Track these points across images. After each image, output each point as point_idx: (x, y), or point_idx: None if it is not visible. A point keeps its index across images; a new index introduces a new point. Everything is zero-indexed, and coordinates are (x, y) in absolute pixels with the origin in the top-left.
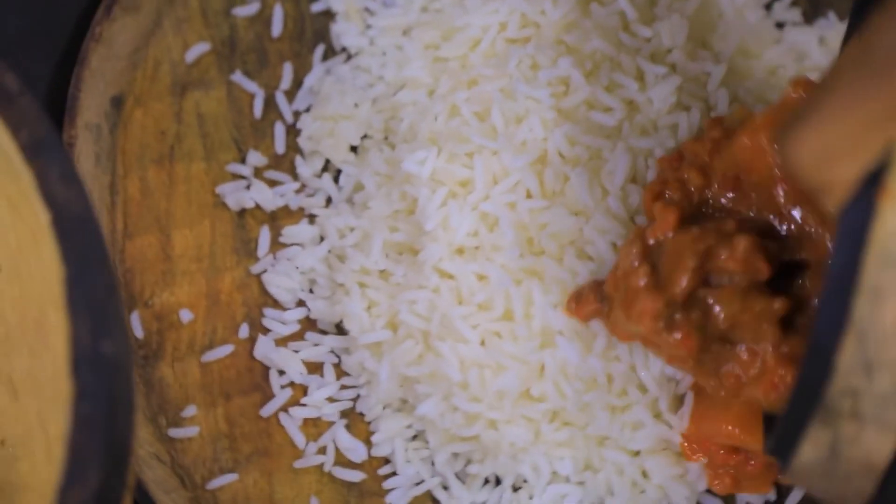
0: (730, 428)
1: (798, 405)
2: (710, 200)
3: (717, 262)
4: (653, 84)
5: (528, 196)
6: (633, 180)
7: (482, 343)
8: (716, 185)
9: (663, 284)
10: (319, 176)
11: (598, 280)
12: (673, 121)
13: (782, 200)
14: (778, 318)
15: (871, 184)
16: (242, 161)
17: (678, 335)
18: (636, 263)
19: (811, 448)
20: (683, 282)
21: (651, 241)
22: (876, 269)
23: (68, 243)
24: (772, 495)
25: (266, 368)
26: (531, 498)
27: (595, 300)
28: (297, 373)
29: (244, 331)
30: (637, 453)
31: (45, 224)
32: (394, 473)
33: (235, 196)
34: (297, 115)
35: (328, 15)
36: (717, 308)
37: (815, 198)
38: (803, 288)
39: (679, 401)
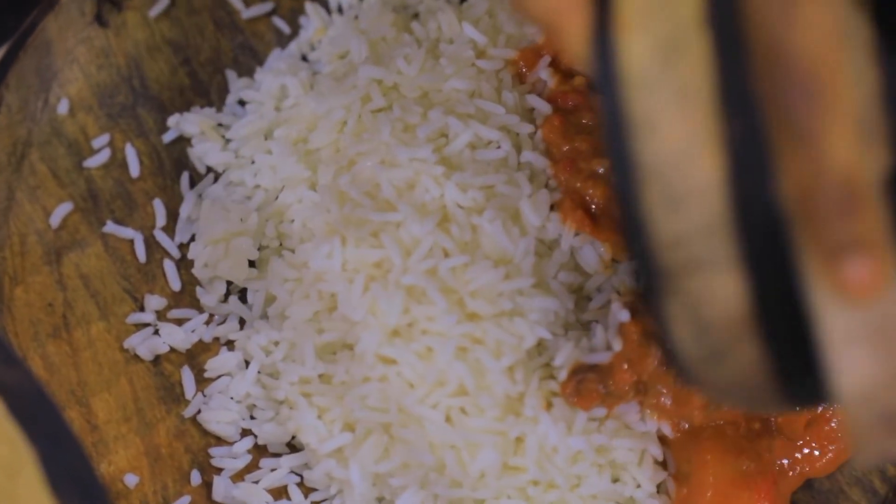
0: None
1: (647, 292)
2: None
3: None
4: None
5: (446, 255)
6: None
7: (448, 420)
8: None
9: None
10: (225, 300)
11: (594, 366)
12: None
13: None
14: None
15: (604, 21)
16: (141, 309)
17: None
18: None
19: (682, 331)
20: None
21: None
22: (640, 99)
23: (31, 424)
24: None
25: None
26: None
27: (599, 394)
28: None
29: (196, 478)
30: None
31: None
32: None
33: (146, 345)
34: (182, 247)
35: (183, 141)
36: None
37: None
38: None
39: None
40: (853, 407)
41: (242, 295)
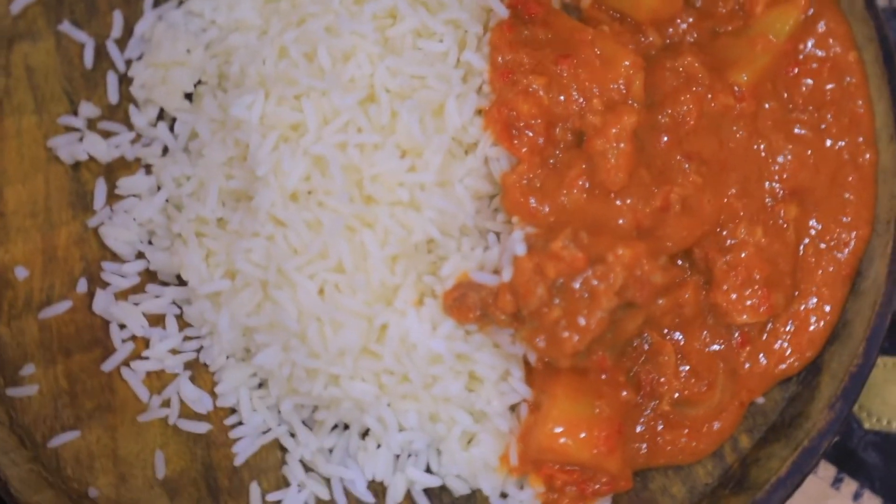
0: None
1: None
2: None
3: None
4: None
5: (360, 131)
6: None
7: (321, 292)
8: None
9: (581, 325)
10: (155, 125)
11: (481, 286)
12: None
13: None
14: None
15: None
16: (75, 113)
17: (595, 357)
18: (548, 305)
19: None
20: (599, 323)
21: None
22: None
23: None
24: None
25: (107, 323)
26: (379, 446)
27: (478, 312)
28: (138, 326)
29: (83, 285)
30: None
31: None
32: (240, 423)
33: (69, 149)
34: (129, 63)
35: None
36: (627, 322)
37: None
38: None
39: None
40: None
41: (172, 124)
